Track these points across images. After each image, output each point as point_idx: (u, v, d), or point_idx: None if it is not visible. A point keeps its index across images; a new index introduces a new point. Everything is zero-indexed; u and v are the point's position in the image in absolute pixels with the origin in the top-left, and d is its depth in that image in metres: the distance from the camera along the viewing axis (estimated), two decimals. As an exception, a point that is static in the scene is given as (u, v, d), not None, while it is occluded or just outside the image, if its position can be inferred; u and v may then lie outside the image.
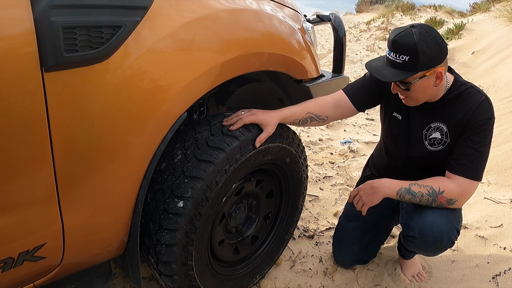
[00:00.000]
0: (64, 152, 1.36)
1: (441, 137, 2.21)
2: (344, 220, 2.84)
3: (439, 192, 2.13)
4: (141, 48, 1.47)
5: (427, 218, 2.18)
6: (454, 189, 2.12)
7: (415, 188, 2.16)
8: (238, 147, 1.89)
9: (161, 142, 1.67)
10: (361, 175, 2.99)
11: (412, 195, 2.15)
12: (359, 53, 13.10)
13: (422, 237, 2.19)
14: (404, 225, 2.34)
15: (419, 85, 2.05)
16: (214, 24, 1.75)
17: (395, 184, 2.21)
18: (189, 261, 1.90)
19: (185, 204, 1.76)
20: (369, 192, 2.26)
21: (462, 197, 2.14)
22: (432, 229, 2.16)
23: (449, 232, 2.18)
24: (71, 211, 1.47)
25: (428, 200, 2.15)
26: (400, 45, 1.97)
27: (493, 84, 6.19)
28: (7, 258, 1.38)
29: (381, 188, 2.22)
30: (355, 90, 2.42)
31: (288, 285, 2.62)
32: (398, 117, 2.36)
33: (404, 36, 1.96)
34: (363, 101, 2.43)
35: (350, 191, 2.39)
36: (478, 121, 2.09)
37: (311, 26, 2.65)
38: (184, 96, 1.67)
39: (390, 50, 2.02)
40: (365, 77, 2.44)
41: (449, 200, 2.13)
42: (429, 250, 2.27)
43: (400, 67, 2.00)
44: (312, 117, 2.32)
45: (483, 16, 11.67)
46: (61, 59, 1.25)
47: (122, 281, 2.54)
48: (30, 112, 1.25)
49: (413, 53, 1.95)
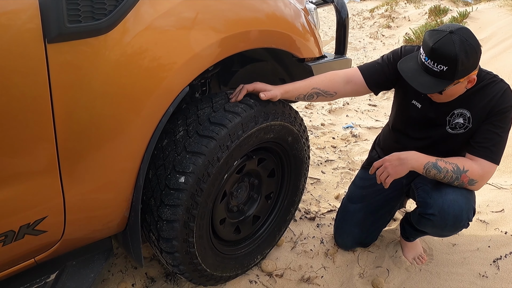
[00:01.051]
0: (66, 127, 1.37)
1: (463, 122, 2.21)
2: (347, 202, 2.83)
3: (463, 170, 2.13)
4: (142, 22, 1.47)
5: (448, 196, 2.18)
6: (477, 170, 2.13)
7: (441, 163, 2.15)
8: (240, 124, 1.89)
9: (163, 116, 1.66)
10: (367, 158, 2.97)
11: (438, 170, 2.14)
12: (362, 40, 13.05)
13: (442, 215, 2.19)
14: (422, 203, 2.30)
15: (450, 90, 2.06)
16: (217, 2, 1.74)
17: (422, 157, 2.18)
18: (190, 238, 1.91)
19: (186, 180, 1.76)
20: (395, 164, 2.20)
21: (483, 179, 2.15)
22: (453, 207, 2.16)
23: (468, 211, 2.19)
24: (73, 186, 1.48)
25: (452, 177, 2.15)
26: (440, 55, 1.92)
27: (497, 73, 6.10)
28: (8, 231, 1.38)
29: (409, 160, 2.17)
30: (371, 70, 2.38)
31: (289, 266, 2.63)
32: (417, 105, 2.35)
33: (444, 45, 1.91)
34: (378, 82, 2.39)
35: (374, 162, 2.33)
36: (501, 108, 2.11)
37: (314, 7, 2.64)
38: (185, 72, 1.67)
39: (428, 57, 1.97)
40: (383, 60, 2.39)
41: (470, 181, 2.14)
42: (447, 229, 2.25)
43: (437, 75, 1.97)
44: (318, 92, 2.29)
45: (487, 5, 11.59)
46: (64, 30, 1.24)
47: (123, 261, 2.55)
48: (32, 83, 1.24)
49: (452, 64, 1.92)
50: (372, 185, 2.73)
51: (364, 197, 2.67)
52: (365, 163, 2.94)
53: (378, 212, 2.73)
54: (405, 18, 14.56)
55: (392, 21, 14.83)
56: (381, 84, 2.41)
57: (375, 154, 2.84)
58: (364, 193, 2.75)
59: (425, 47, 1.98)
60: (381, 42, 12.43)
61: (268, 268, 2.56)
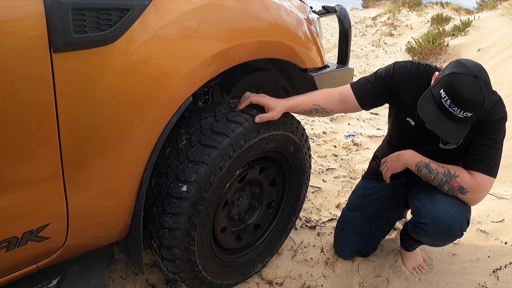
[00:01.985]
0: (70, 134, 1.38)
1: None
2: (347, 211, 2.85)
3: (453, 175, 2.17)
4: (147, 32, 1.48)
5: (440, 206, 2.20)
6: (468, 180, 2.15)
7: (434, 165, 2.24)
8: (243, 133, 1.90)
9: (166, 126, 1.68)
10: (368, 168, 3.00)
11: (428, 170, 2.23)
12: (365, 48, 13.07)
13: (434, 224, 2.21)
14: (416, 212, 2.34)
15: None
16: (221, 12, 1.76)
17: (416, 156, 2.32)
18: (192, 246, 1.92)
19: (188, 189, 1.78)
20: (393, 159, 2.45)
21: (475, 191, 2.16)
22: (445, 216, 2.18)
23: (461, 222, 2.21)
24: (76, 193, 1.49)
25: (441, 180, 2.19)
26: (470, 104, 1.91)
27: (498, 81, 6.17)
28: (11, 238, 1.39)
29: (403, 156, 2.38)
30: (363, 90, 2.38)
31: (289, 274, 2.64)
32: (411, 122, 2.37)
33: (474, 94, 1.89)
34: (370, 102, 2.40)
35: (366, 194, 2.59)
36: (492, 121, 2.12)
37: (317, 17, 2.66)
38: (189, 82, 1.68)
39: (454, 105, 1.92)
40: (376, 78, 2.38)
41: (460, 188, 2.16)
42: (439, 238, 2.27)
43: (460, 121, 1.97)
44: (317, 108, 2.31)
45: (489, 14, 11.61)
46: (70, 40, 1.26)
47: (124, 267, 2.56)
48: (38, 92, 1.26)
49: (478, 110, 1.94)
50: (371, 194, 2.77)
51: (362, 206, 2.70)
52: (366, 173, 2.97)
53: (376, 220, 2.74)
54: (408, 26, 14.58)
55: (395, 29, 14.85)
56: (374, 103, 2.44)
57: (375, 164, 2.87)
58: (362, 201, 2.77)
59: (452, 95, 1.93)
60: (383, 50, 12.44)
61: (268, 276, 2.57)
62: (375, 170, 2.85)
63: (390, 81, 2.34)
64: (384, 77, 2.36)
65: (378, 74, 2.40)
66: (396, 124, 2.50)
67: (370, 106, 2.45)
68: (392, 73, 2.35)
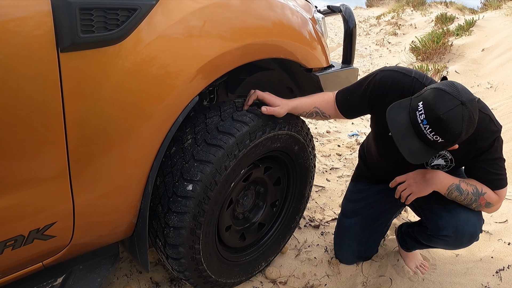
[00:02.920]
0: (77, 133, 1.39)
1: (445, 163, 2.20)
2: (342, 217, 2.83)
3: (481, 192, 2.11)
4: (154, 32, 1.49)
5: (460, 216, 2.18)
6: (494, 196, 2.12)
7: (464, 185, 2.10)
8: (248, 133, 1.91)
9: (172, 125, 1.69)
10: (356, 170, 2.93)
11: (460, 193, 2.10)
12: (369, 47, 13.06)
13: (457, 235, 2.19)
14: (433, 224, 2.28)
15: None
16: (226, 11, 1.76)
17: (448, 179, 2.11)
18: (196, 244, 1.92)
19: (194, 187, 1.78)
20: (420, 182, 2.16)
21: (498, 203, 2.15)
22: (468, 226, 2.17)
23: (481, 227, 2.23)
24: (82, 192, 1.50)
25: (471, 199, 2.11)
26: (445, 129, 1.74)
27: (502, 82, 6.17)
28: (18, 236, 1.40)
29: (435, 181, 2.12)
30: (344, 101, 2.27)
31: (293, 273, 2.65)
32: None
33: (454, 119, 1.71)
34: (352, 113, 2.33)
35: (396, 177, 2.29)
36: (487, 144, 2.02)
37: (321, 16, 2.66)
38: (195, 82, 1.69)
39: (428, 123, 1.76)
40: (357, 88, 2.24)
41: (487, 204, 2.13)
42: (462, 246, 2.29)
43: (428, 143, 1.81)
44: (317, 111, 2.29)
45: (494, 13, 11.58)
46: (77, 40, 1.27)
47: (128, 266, 2.57)
48: (45, 91, 1.27)
49: (451, 140, 1.78)
50: (364, 198, 2.73)
51: (357, 211, 2.66)
52: (355, 176, 2.91)
53: (373, 224, 2.72)
54: (412, 25, 14.56)
55: (399, 28, 14.82)
56: (357, 114, 2.36)
57: (364, 166, 2.81)
58: (357, 207, 2.73)
59: (429, 111, 1.76)
60: (387, 49, 12.43)
61: (272, 275, 2.58)
62: (363, 173, 2.79)
63: (372, 93, 2.19)
64: (366, 89, 2.21)
65: (361, 85, 2.25)
66: (378, 137, 2.42)
67: (354, 116, 2.39)
68: (376, 85, 2.18)
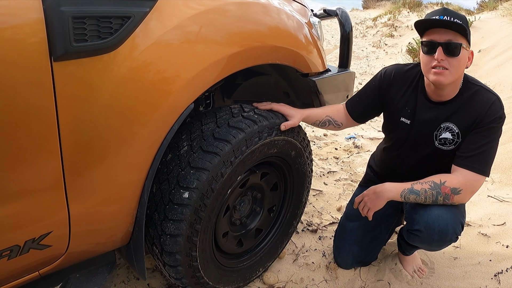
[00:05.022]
0: (71, 141, 1.38)
1: (452, 138, 2.22)
2: (345, 220, 2.84)
3: (440, 183, 2.14)
4: (149, 39, 1.48)
5: (433, 211, 2.19)
6: (456, 179, 2.13)
7: (417, 186, 2.17)
8: (244, 139, 1.90)
9: (168, 133, 1.68)
10: (364, 176, 3.00)
11: (416, 194, 2.17)
12: (365, 49, 13.07)
13: (427, 230, 2.19)
14: (409, 219, 2.35)
15: (463, 55, 2.06)
16: (222, 17, 1.76)
17: (397, 186, 2.24)
18: (193, 252, 1.91)
19: (190, 195, 1.77)
20: (372, 197, 2.30)
21: (467, 188, 2.13)
22: (438, 222, 2.16)
23: (454, 226, 2.19)
24: (78, 200, 1.49)
25: (432, 194, 2.15)
26: (452, 12, 2.04)
27: (499, 83, 6.18)
28: (13, 246, 1.39)
29: (384, 192, 2.25)
30: (354, 104, 2.53)
31: (291, 278, 2.64)
32: (406, 122, 2.36)
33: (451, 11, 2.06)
34: (362, 114, 2.54)
35: (355, 197, 2.46)
36: (489, 120, 2.11)
37: (318, 20, 2.66)
38: (191, 88, 1.68)
39: (443, 15, 2.04)
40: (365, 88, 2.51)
41: (453, 189, 2.12)
42: (434, 244, 2.26)
43: (455, 28, 2.01)
44: (329, 120, 2.43)
45: (490, 14, 11.62)
46: (70, 49, 1.26)
47: (126, 272, 2.56)
48: (39, 101, 1.26)
49: (464, 21, 2.03)
50: None
51: (361, 215, 2.68)
52: (362, 181, 2.96)
53: (376, 229, 2.73)
54: (408, 27, 14.58)
55: (395, 30, 14.85)
56: (367, 115, 2.58)
57: (371, 172, 2.88)
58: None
59: (435, 13, 2.09)
60: (384, 51, 12.45)
61: (270, 281, 2.57)
62: (371, 178, 2.84)
63: (379, 87, 2.42)
64: (374, 85, 2.44)
65: (368, 85, 2.50)
66: (391, 128, 2.50)
67: (364, 119, 2.57)
68: (381, 78, 2.42)
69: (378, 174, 2.80)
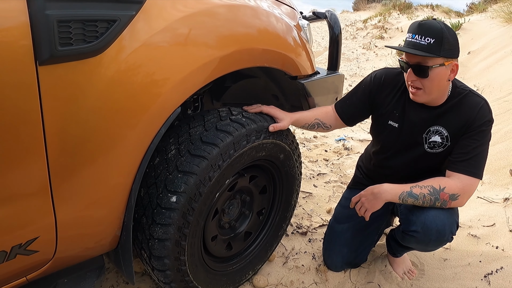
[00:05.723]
0: (57, 146, 1.37)
1: (442, 141, 2.24)
2: (334, 223, 2.83)
3: (440, 189, 2.13)
4: (136, 42, 1.47)
5: (430, 212, 2.19)
6: (455, 185, 2.13)
7: (416, 190, 2.16)
8: (232, 143, 1.90)
9: (155, 136, 1.67)
10: (353, 178, 2.99)
11: (414, 198, 2.16)
12: (355, 51, 13.12)
13: (425, 231, 2.19)
14: (405, 220, 2.34)
15: (437, 73, 2.06)
16: (211, 19, 1.75)
17: (396, 188, 2.21)
18: (182, 256, 1.91)
19: (178, 199, 1.77)
20: (370, 198, 2.27)
21: (464, 192, 2.14)
22: (435, 222, 2.17)
23: (451, 226, 2.20)
24: (64, 205, 1.47)
25: (430, 199, 2.14)
26: (427, 28, 2.02)
27: (489, 84, 6.20)
28: (0, 252, 1.38)
29: (382, 194, 2.22)
30: (344, 106, 2.53)
31: (280, 281, 2.63)
32: (394, 125, 2.38)
33: (430, 22, 2.05)
34: (352, 116, 2.55)
35: (352, 197, 2.42)
36: (479, 124, 2.14)
37: (307, 23, 2.66)
38: (179, 91, 1.67)
39: (415, 34, 2.05)
40: (356, 92, 2.52)
41: (451, 196, 2.13)
42: (431, 244, 2.27)
43: (424, 49, 2.02)
44: (318, 123, 2.43)
45: (479, 16, 11.68)
46: (56, 53, 1.25)
47: (115, 276, 2.54)
48: (24, 105, 1.25)
49: (439, 37, 2.00)
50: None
51: (350, 217, 2.67)
52: (351, 183, 2.97)
53: (365, 230, 2.73)
54: (398, 29, 14.65)
55: (385, 32, 14.90)
56: (357, 118, 2.58)
57: (360, 174, 2.88)
58: (350, 212, 2.68)
59: (411, 28, 2.10)
60: (374, 53, 12.49)
61: (260, 284, 2.56)
62: (360, 180, 2.85)
63: (369, 91, 2.44)
64: (363, 88, 2.46)
65: (358, 87, 2.51)
66: (379, 130, 2.51)
67: (354, 121, 2.58)
68: (371, 82, 2.44)
69: (367, 176, 2.80)
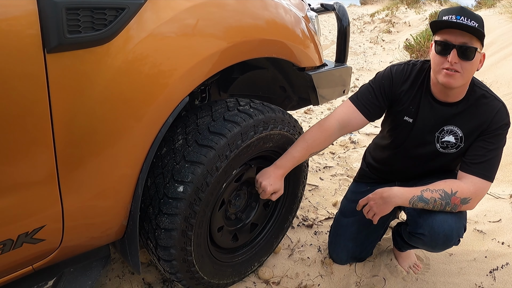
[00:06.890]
0: (65, 135, 1.37)
1: (455, 141, 2.21)
2: (340, 216, 2.82)
3: (452, 193, 2.09)
4: (144, 31, 1.47)
5: (438, 216, 2.15)
6: (468, 188, 2.09)
7: (427, 194, 2.12)
8: (239, 133, 1.89)
9: (162, 126, 1.67)
10: (359, 171, 2.95)
11: (425, 202, 2.11)
12: (363, 45, 13.08)
13: (432, 234, 2.16)
14: (412, 222, 2.30)
15: (477, 58, 2.02)
16: (219, 10, 1.75)
17: (406, 192, 2.16)
18: (188, 246, 1.91)
19: (185, 189, 1.76)
20: (380, 203, 2.23)
21: (476, 196, 2.11)
22: (443, 227, 2.13)
23: (458, 230, 2.17)
24: (71, 194, 1.47)
25: (441, 204, 2.10)
26: (470, 13, 1.97)
27: (496, 80, 6.17)
28: (6, 240, 1.38)
29: (392, 198, 2.18)
30: (367, 103, 2.34)
31: (286, 273, 2.63)
32: (409, 121, 2.32)
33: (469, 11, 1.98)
34: (375, 113, 2.37)
35: (359, 200, 2.38)
36: (496, 127, 2.11)
37: (315, 15, 2.65)
38: (186, 81, 1.67)
39: (460, 15, 1.96)
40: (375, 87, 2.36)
41: (463, 200, 2.09)
42: (438, 247, 2.25)
43: (471, 31, 1.95)
44: (314, 153, 2.33)
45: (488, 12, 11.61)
46: (64, 40, 1.25)
47: (121, 266, 2.55)
48: (32, 93, 1.25)
49: (481, 22, 1.97)
50: None
51: (356, 211, 2.65)
52: (357, 177, 2.94)
53: (371, 225, 2.64)
54: (406, 23, 14.59)
55: (393, 26, 14.85)
56: (379, 114, 2.42)
57: (366, 167, 2.84)
58: (356, 206, 2.71)
59: (451, 11, 2.00)
60: (381, 47, 12.45)
61: (265, 276, 2.56)
62: (366, 174, 2.82)
63: (390, 87, 2.32)
64: (383, 84, 2.33)
65: (377, 82, 2.36)
66: (393, 126, 2.45)
67: (377, 117, 2.43)
68: (391, 78, 2.32)
69: (373, 170, 2.78)
